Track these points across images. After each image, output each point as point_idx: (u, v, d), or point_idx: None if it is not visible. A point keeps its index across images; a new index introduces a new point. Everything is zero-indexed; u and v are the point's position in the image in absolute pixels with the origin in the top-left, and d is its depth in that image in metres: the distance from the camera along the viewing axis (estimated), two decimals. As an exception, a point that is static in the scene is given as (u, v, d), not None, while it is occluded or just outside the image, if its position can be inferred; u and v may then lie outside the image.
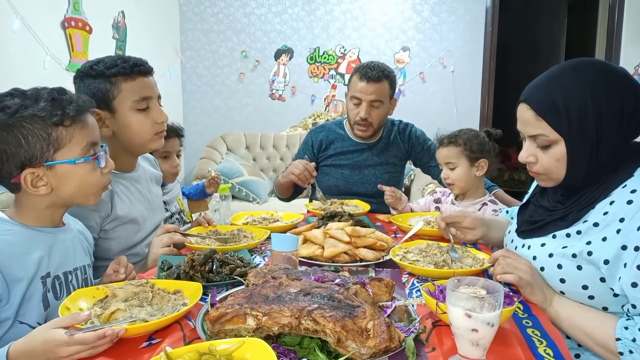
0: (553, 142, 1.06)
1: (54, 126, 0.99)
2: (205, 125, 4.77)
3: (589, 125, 1.02)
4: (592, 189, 1.07)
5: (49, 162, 0.99)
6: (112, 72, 1.34)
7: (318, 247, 1.37)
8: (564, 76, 1.06)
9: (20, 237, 1.02)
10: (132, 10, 3.69)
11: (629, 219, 0.97)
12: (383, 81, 2.09)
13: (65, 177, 1.02)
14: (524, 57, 6.62)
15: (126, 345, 0.88)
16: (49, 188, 1.02)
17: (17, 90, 1.04)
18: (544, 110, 1.05)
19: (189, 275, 1.18)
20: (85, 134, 1.05)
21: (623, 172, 1.04)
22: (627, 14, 4.20)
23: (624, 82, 1.04)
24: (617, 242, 0.97)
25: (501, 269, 1.10)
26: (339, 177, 2.26)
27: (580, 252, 1.03)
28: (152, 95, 1.41)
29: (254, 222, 1.81)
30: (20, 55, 2.58)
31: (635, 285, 0.94)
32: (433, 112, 4.51)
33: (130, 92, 1.35)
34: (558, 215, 1.12)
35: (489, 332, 0.80)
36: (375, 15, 4.52)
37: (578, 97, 1.02)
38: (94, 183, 1.07)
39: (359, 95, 2.10)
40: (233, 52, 4.66)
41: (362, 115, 2.10)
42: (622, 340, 0.94)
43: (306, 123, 4.59)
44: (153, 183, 1.64)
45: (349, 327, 0.79)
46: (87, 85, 1.35)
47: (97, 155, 1.06)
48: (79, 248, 1.17)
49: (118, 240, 1.42)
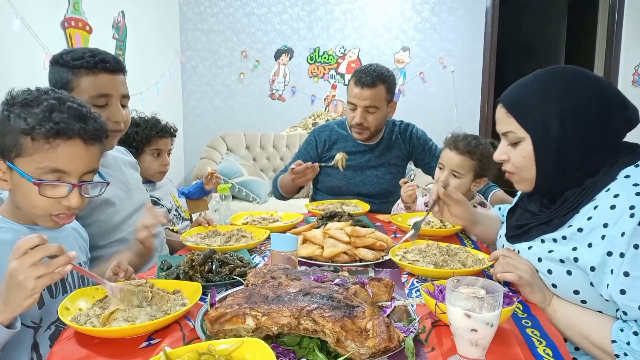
0: (520, 140, 1.11)
1: (22, 133, 0.97)
2: (205, 125, 4.77)
3: (554, 125, 1.05)
4: (575, 193, 1.07)
5: (8, 162, 0.99)
6: (75, 64, 1.33)
7: (317, 247, 1.37)
8: (535, 79, 1.13)
9: (13, 235, 1.01)
10: (132, 10, 3.69)
11: (612, 224, 0.96)
12: (378, 86, 2.08)
13: (17, 185, 1.00)
14: (524, 57, 6.61)
15: (126, 346, 0.88)
16: (8, 185, 1.01)
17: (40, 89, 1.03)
18: (512, 108, 1.11)
19: (189, 275, 1.18)
20: (48, 157, 0.97)
21: (606, 175, 1.04)
22: (627, 14, 4.20)
23: (594, 89, 1.06)
24: (602, 248, 0.97)
25: (501, 268, 1.10)
26: (341, 177, 2.26)
27: (567, 258, 1.04)
28: (113, 94, 1.38)
29: (253, 222, 1.81)
30: (20, 55, 2.58)
31: (623, 292, 0.94)
32: (433, 112, 4.51)
33: (88, 87, 1.34)
34: (543, 220, 1.12)
35: (488, 332, 0.80)
36: (375, 15, 4.52)
37: (544, 98, 1.07)
38: (37, 206, 1.00)
39: (353, 101, 2.11)
40: (233, 52, 4.66)
41: (357, 120, 2.11)
42: (618, 343, 0.94)
43: (306, 123, 4.59)
44: (127, 167, 1.63)
45: (349, 327, 0.79)
46: (53, 72, 1.37)
47: (41, 182, 0.98)
48: (73, 245, 1.17)
49: (98, 225, 1.39)
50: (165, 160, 2.15)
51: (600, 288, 0.99)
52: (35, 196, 0.99)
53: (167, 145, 2.17)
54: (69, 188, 1.00)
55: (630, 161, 1.04)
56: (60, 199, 1.00)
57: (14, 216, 1.05)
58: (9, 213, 1.06)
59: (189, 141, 4.79)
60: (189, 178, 4.69)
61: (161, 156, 2.13)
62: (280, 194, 2.38)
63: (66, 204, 1.01)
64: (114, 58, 1.39)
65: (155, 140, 2.09)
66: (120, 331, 0.89)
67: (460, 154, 1.74)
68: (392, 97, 2.18)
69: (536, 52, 6.69)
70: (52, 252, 0.85)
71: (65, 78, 1.33)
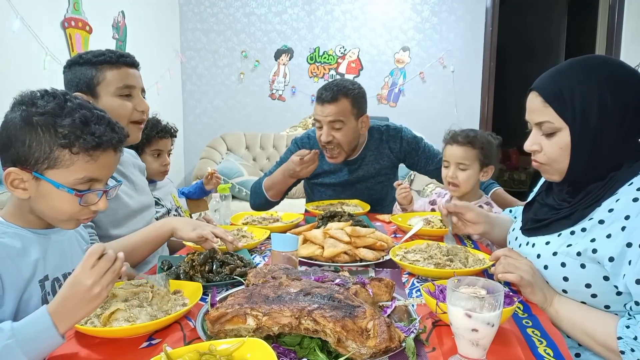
0: (557, 130, 1.09)
1: (60, 146, 0.96)
2: (205, 125, 4.77)
3: (593, 116, 1.04)
4: (598, 187, 1.08)
5: (36, 173, 0.97)
6: (98, 59, 1.40)
7: (318, 247, 1.37)
8: (572, 69, 1.10)
9: (16, 240, 1.01)
10: (132, 10, 3.69)
11: (634, 216, 0.97)
12: (340, 100, 1.97)
13: (44, 194, 0.99)
14: (523, 57, 6.62)
15: (126, 346, 0.88)
16: (27, 194, 0.99)
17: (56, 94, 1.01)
18: (550, 97, 1.08)
19: (189, 275, 1.18)
20: (87, 168, 0.99)
21: (629, 170, 1.05)
22: (627, 14, 4.20)
23: (631, 79, 1.06)
24: (622, 239, 0.97)
25: (502, 268, 1.10)
26: (331, 193, 2.23)
27: (584, 250, 1.04)
28: (136, 85, 1.46)
29: (253, 222, 1.81)
30: (20, 55, 2.58)
31: (639, 282, 0.94)
32: (433, 112, 4.51)
33: (114, 79, 1.40)
34: (564, 214, 1.12)
35: (489, 332, 0.80)
36: (375, 15, 4.52)
37: (583, 88, 1.05)
38: (66, 211, 1.01)
39: (318, 118, 2.02)
40: (233, 52, 4.66)
41: (324, 138, 2.00)
42: (624, 339, 0.94)
43: (306, 123, 4.59)
44: (136, 169, 1.66)
45: (349, 327, 0.79)
46: (73, 72, 1.41)
47: (82, 193, 0.99)
48: (76, 248, 1.16)
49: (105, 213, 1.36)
50: (166, 160, 2.15)
51: (616, 279, 0.99)
52: (65, 204, 0.99)
53: (168, 146, 2.17)
54: (99, 194, 1.03)
55: None
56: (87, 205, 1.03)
57: (21, 221, 1.04)
58: (12, 217, 1.04)
59: (189, 141, 4.79)
60: (189, 178, 4.69)
61: (161, 156, 2.13)
62: (265, 198, 2.19)
63: (94, 209, 1.04)
64: (131, 55, 1.48)
65: (155, 140, 2.09)
66: (120, 331, 0.89)
67: (461, 145, 1.78)
68: (360, 111, 2.05)
69: (536, 52, 6.69)
70: (112, 260, 0.88)
71: (89, 75, 1.39)
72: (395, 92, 4.57)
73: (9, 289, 0.96)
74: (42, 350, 0.82)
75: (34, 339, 0.80)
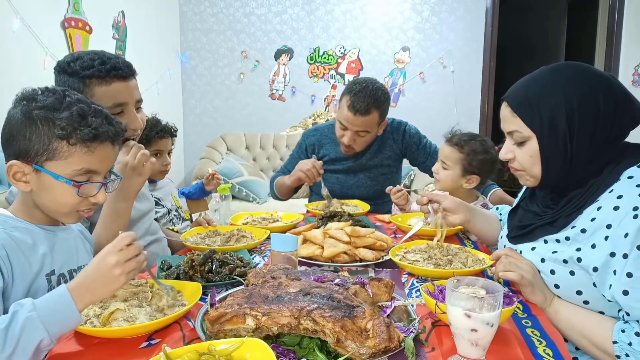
0: (526, 139, 1.10)
1: (57, 138, 0.99)
2: (205, 125, 4.77)
3: (561, 123, 1.04)
4: (579, 194, 1.07)
5: (36, 165, 1.00)
6: (86, 73, 1.26)
7: (318, 247, 1.37)
8: (541, 76, 1.11)
9: (26, 234, 1.03)
10: (132, 10, 3.69)
11: (616, 225, 0.96)
12: (372, 113, 1.99)
13: (45, 187, 1.02)
14: (523, 57, 6.62)
15: (126, 346, 0.88)
16: (29, 187, 1.02)
17: (56, 90, 1.03)
18: (518, 107, 1.10)
19: (189, 275, 1.18)
20: (85, 160, 1.01)
21: (609, 176, 1.04)
22: (627, 14, 4.20)
23: (602, 86, 1.04)
24: (606, 249, 0.97)
25: (503, 267, 1.10)
26: (334, 181, 2.26)
27: (570, 258, 1.03)
28: (128, 102, 1.33)
29: (253, 222, 1.81)
30: (20, 55, 2.58)
31: (626, 293, 0.93)
32: (433, 112, 4.51)
33: (103, 97, 1.26)
34: (547, 220, 1.12)
35: (488, 332, 0.80)
36: (375, 15, 4.52)
37: (551, 95, 1.06)
38: (66, 203, 1.03)
39: (344, 123, 2.04)
40: (233, 52, 4.66)
41: (346, 142, 2.07)
42: (619, 343, 0.94)
43: (306, 123, 4.59)
44: None
45: (349, 327, 0.79)
46: (62, 82, 1.28)
47: (80, 183, 1.01)
48: (80, 248, 1.18)
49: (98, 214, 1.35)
50: (166, 160, 2.15)
51: (603, 289, 0.98)
52: (65, 196, 1.02)
53: (168, 146, 2.17)
54: (99, 186, 1.06)
55: (633, 161, 1.04)
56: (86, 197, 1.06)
57: (28, 216, 1.07)
58: (22, 213, 1.07)
59: (189, 141, 4.79)
60: (189, 178, 4.69)
61: (162, 156, 2.13)
62: (275, 195, 2.42)
63: (94, 201, 1.07)
64: (125, 62, 1.33)
65: (155, 140, 2.09)
66: (120, 331, 0.89)
67: (451, 145, 1.82)
68: (383, 119, 2.11)
69: (536, 52, 6.69)
70: (140, 249, 0.93)
71: (77, 89, 1.25)
72: (395, 92, 4.57)
73: (18, 281, 0.98)
74: (61, 327, 0.83)
75: (54, 314, 0.82)
